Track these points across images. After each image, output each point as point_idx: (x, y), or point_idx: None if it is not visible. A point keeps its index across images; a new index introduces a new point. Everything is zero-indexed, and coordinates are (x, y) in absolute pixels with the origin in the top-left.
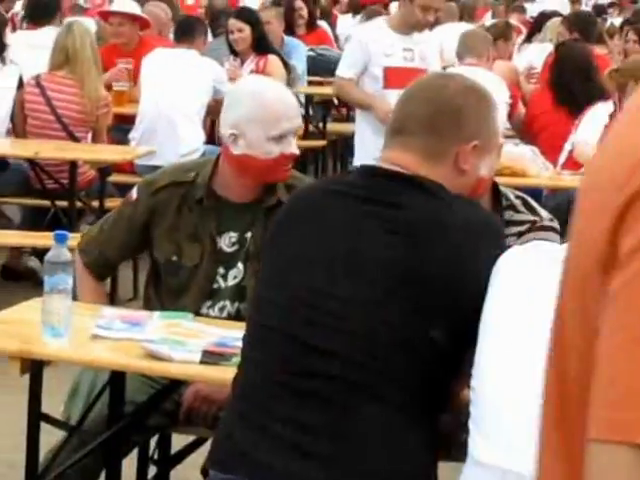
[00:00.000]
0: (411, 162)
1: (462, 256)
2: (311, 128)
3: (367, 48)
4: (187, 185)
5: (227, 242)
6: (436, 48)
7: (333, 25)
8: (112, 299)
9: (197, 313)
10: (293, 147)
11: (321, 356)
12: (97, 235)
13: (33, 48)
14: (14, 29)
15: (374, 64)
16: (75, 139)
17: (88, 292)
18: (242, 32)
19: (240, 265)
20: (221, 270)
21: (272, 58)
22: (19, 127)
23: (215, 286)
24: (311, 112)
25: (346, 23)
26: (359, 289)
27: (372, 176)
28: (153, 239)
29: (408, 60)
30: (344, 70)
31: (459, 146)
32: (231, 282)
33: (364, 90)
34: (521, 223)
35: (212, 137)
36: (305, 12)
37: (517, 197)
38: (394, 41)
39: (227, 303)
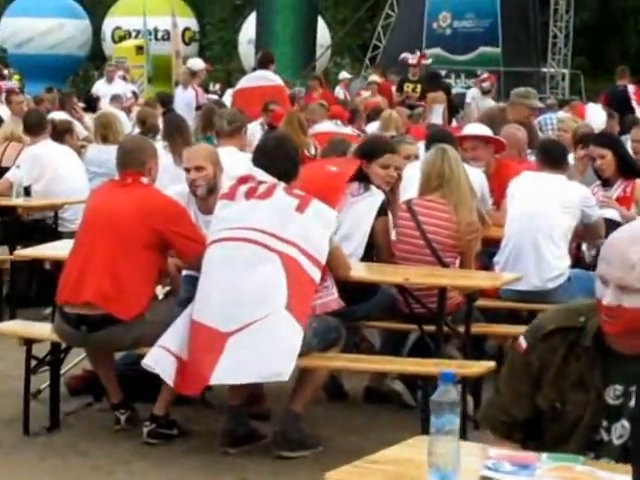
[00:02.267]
0: None
1: None
2: None
3: None
4: (576, 331)
5: (612, 395)
6: None
7: None
8: None
9: None
10: None
11: None
12: (497, 398)
13: None
14: None
15: None
16: (444, 264)
17: None
18: (604, 158)
19: (625, 422)
20: (604, 423)
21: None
22: (383, 251)
23: (597, 438)
24: None
25: None
26: None
27: None
28: (540, 384)
29: None
30: None
31: None
32: (616, 439)
33: None
34: None
35: (578, 260)
36: None
37: None
38: None
39: (612, 462)
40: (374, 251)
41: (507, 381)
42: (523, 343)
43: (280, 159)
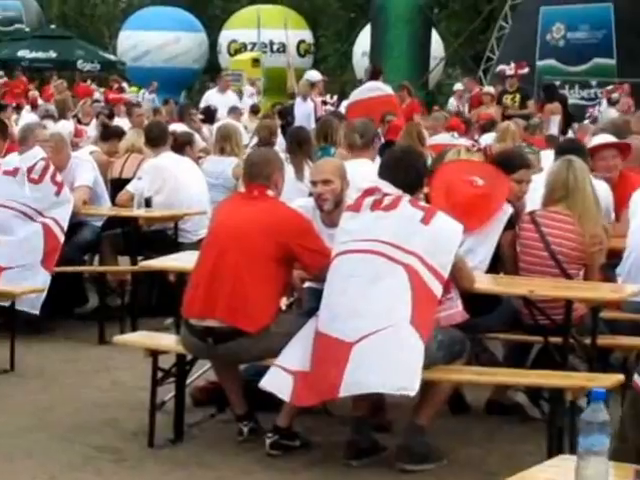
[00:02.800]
0: None
1: None
2: None
3: None
4: None
5: None
6: None
7: None
8: None
9: None
10: None
11: None
12: (623, 445)
13: None
14: None
15: None
16: (568, 276)
17: None
18: None
19: None
20: None
21: None
22: (509, 264)
23: None
24: None
25: None
26: None
27: None
28: None
29: None
30: None
31: None
32: None
33: None
34: None
35: None
36: None
37: None
38: None
39: None
40: (498, 263)
41: (633, 426)
42: None
43: (405, 171)
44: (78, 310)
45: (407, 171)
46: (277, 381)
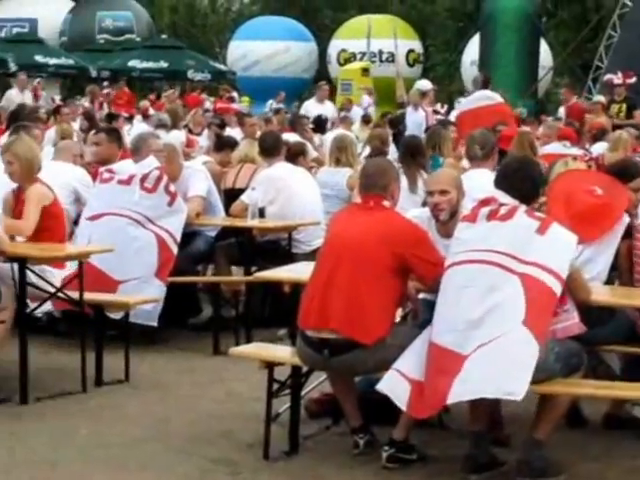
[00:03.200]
0: None
1: None
2: None
3: None
4: None
5: None
6: None
7: None
8: None
9: None
10: None
11: None
12: None
13: None
14: None
15: None
16: None
17: None
18: None
19: None
20: None
21: None
22: (626, 275)
23: None
24: None
25: None
26: None
27: None
28: None
29: None
30: None
31: None
32: None
33: None
34: None
35: None
36: None
37: None
38: None
39: None
40: (614, 273)
41: None
42: None
43: (521, 181)
44: (192, 321)
45: (523, 181)
46: (394, 386)
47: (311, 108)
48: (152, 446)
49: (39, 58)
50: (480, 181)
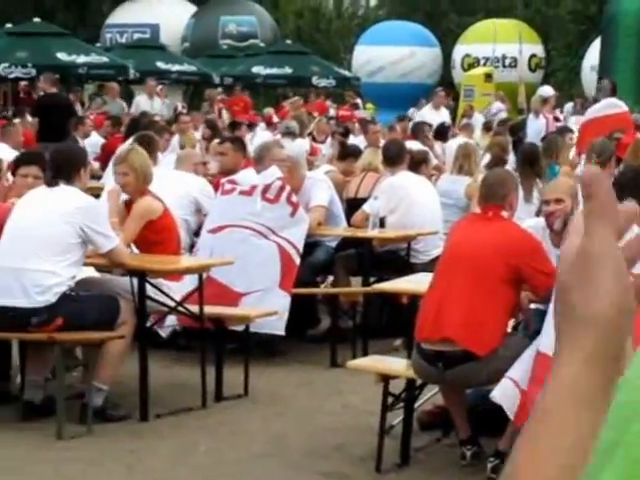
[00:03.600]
0: None
1: None
2: None
3: None
4: None
5: None
6: None
7: None
8: None
9: None
10: None
11: None
12: None
13: None
14: None
15: None
16: None
17: None
18: None
19: None
20: None
21: None
22: None
23: None
24: None
25: None
26: None
27: None
28: None
29: None
30: None
31: None
32: None
33: None
34: None
35: None
36: None
37: None
38: None
39: None
40: None
41: None
42: None
43: (635, 191)
44: (310, 332)
45: (636, 191)
46: (507, 395)
47: (426, 114)
48: (268, 462)
49: (161, 64)
50: None
